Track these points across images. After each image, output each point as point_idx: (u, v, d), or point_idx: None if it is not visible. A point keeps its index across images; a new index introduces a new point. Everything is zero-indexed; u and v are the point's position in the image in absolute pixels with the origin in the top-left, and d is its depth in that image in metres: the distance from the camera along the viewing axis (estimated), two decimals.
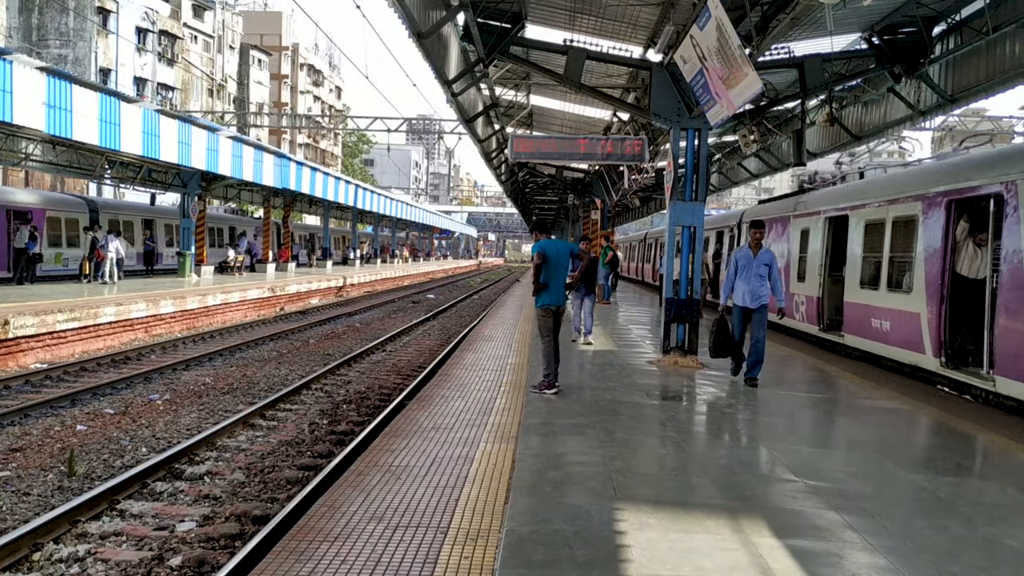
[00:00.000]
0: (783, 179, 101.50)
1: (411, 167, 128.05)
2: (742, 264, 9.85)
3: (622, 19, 12.72)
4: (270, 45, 74.76)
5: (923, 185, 11.25)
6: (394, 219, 56.11)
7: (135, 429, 10.00)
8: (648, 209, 42.72)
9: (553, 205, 46.29)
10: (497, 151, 26.27)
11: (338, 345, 18.66)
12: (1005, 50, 12.28)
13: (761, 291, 9.74)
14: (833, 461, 6.66)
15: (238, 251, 35.12)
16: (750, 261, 9.79)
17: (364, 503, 5.52)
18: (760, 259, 9.75)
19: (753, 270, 9.72)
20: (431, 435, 7.40)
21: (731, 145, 23.49)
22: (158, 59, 53.26)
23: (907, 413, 8.84)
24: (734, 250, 9.52)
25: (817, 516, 5.13)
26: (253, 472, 8.30)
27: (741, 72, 9.08)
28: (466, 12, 11.90)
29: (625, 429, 7.52)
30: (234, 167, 25.10)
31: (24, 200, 26.68)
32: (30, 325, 14.45)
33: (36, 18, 47.68)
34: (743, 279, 9.81)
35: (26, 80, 15.28)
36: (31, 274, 23.04)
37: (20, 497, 7.37)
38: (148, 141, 20.02)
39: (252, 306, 25.02)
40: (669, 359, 11.78)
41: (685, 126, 12.10)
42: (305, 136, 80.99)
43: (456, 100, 15.89)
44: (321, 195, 34.50)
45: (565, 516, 4.98)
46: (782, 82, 15.36)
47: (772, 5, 10.38)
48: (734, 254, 10.02)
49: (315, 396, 12.46)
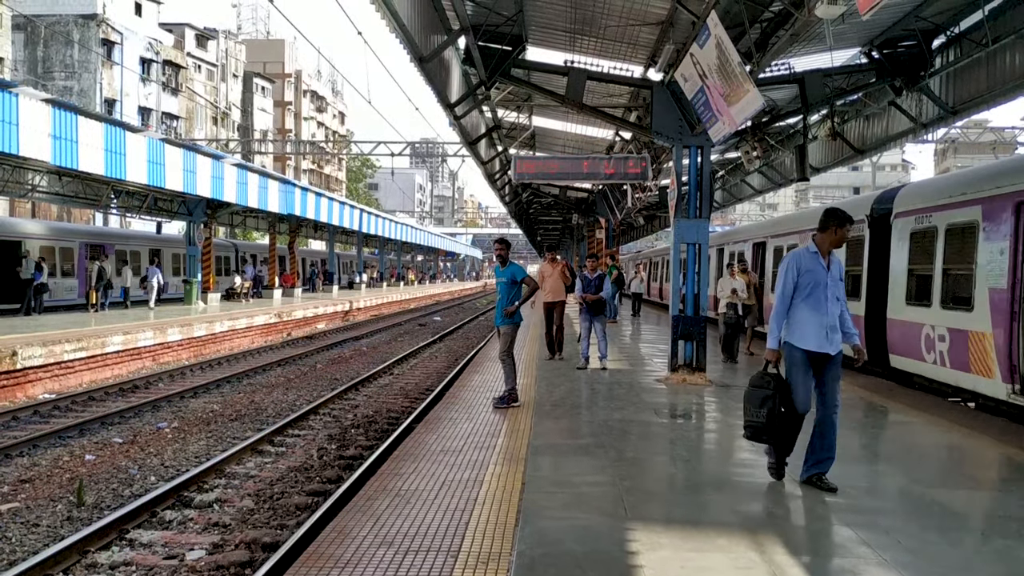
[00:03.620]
0: (787, 194, 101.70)
1: (415, 190, 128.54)
2: (809, 279, 6.00)
3: (622, 39, 12.79)
4: (273, 72, 75.34)
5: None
6: (399, 242, 56.25)
7: (144, 458, 9.98)
8: (652, 227, 42.76)
9: (557, 225, 46.38)
10: (500, 172, 26.37)
11: (345, 369, 18.64)
12: (1005, 61, 12.30)
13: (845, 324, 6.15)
14: (848, 476, 6.60)
15: (244, 278, 35.21)
16: (822, 273, 6.01)
17: (374, 528, 5.48)
18: (836, 270, 6.11)
19: (830, 289, 6.02)
20: (440, 458, 7.37)
21: (734, 161, 23.53)
22: (162, 89, 53.71)
23: (914, 420, 8.77)
24: (788, 256, 6.22)
25: (833, 532, 5.08)
26: (262, 499, 8.27)
27: (742, 89, 9.11)
28: (467, 36, 12.00)
29: (634, 448, 7.48)
30: (239, 194, 25.22)
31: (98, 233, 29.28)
32: (38, 356, 14.48)
33: (41, 51, 48.20)
34: (812, 304, 5.99)
35: (32, 112, 15.41)
36: (39, 304, 23.09)
37: (29, 528, 7.35)
38: (153, 170, 20.15)
39: (259, 332, 25.04)
40: (677, 376, 11.73)
41: (687, 143, 12.13)
42: (309, 162, 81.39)
43: (459, 123, 15.97)
44: (326, 220, 34.65)
45: (576, 537, 4.94)
46: (783, 98, 15.40)
47: (771, 22, 10.43)
48: (790, 261, 6.13)
49: (323, 421, 12.44)
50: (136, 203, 28.12)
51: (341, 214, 36.53)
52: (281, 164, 73.64)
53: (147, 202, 27.89)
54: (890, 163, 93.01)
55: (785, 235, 17.19)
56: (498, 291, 9.97)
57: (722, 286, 14.28)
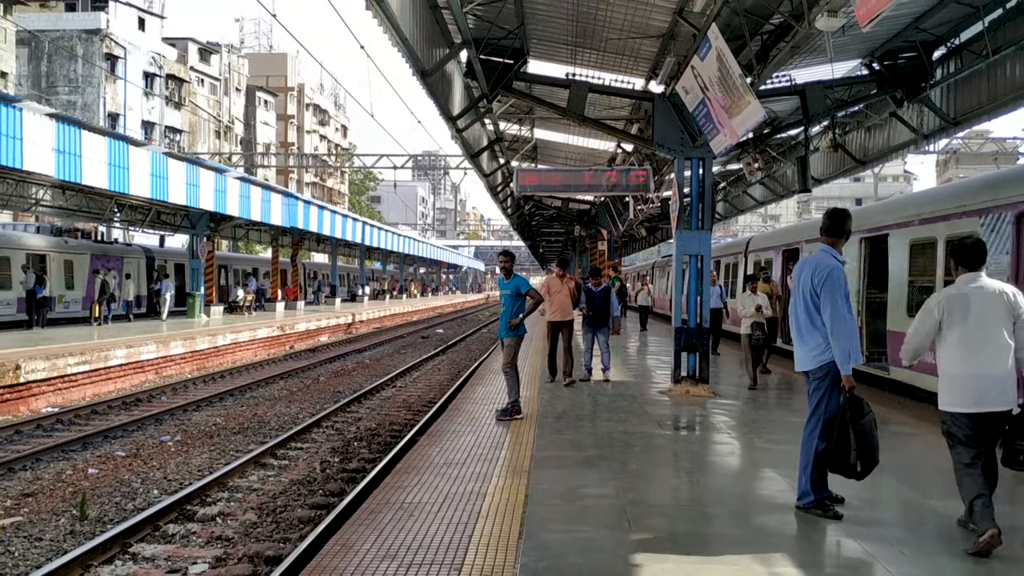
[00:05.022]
0: (789, 206, 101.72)
1: (417, 203, 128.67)
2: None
3: (623, 52, 12.85)
4: (276, 86, 75.62)
5: None
6: (402, 255, 56.31)
7: (146, 471, 9.97)
8: (655, 239, 42.79)
9: (560, 237, 46.45)
10: (503, 185, 26.42)
11: (348, 382, 18.64)
12: (1005, 72, 12.34)
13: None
14: (852, 488, 6.57)
15: (247, 291, 35.27)
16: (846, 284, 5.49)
17: (377, 541, 5.47)
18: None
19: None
20: (443, 471, 7.36)
21: (736, 173, 23.59)
22: (165, 103, 53.93)
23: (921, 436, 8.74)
24: (834, 269, 5.51)
25: (838, 545, 5.06)
26: (265, 512, 8.26)
27: (743, 101, 9.14)
28: (469, 50, 12.05)
29: (638, 460, 7.46)
30: (242, 207, 25.29)
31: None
32: (41, 369, 14.49)
33: (45, 66, 48.45)
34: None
35: (36, 127, 15.49)
36: (41, 318, 23.13)
37: (32, 542, 7.34)
38: (156, 184, 20.22)
39: (262, 345, 25.05)
40: (681, 388, 11.71)
41: (689, 155, 12.16)
42: (312, 175, 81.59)
43: (461, 136, 16.02)
44: (329, 233, 34.71)
45: (580, 550, 4.92)
46: (785, 109, 15.44)
47: (772, 34, 10.48)
48: (840, 276, 5.51)
49: (326, 434, 12.43)
50: (139, 216, 28.22)
51: (344, 227, 36.60)
52: (284, 177, 73.81)
53: (150, 215, 27.98)
54: (892, 174, 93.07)
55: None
56: (502, 303, 9.99)
57: (743, 303, 12.49)
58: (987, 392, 4.92)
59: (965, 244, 5.24)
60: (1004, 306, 4.98)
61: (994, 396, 4.92)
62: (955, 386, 5.02)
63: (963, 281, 5.14)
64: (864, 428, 5.26)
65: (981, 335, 4.96)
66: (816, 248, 5.79)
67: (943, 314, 5.07)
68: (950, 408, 5.07)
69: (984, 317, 4.96)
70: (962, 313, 5.00)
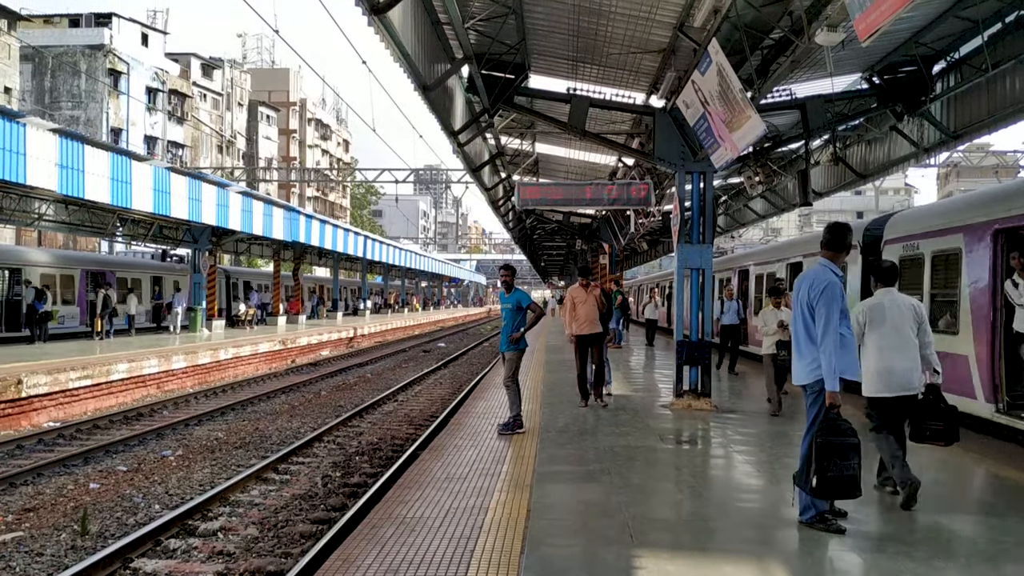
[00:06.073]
0: (790, 219, 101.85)
1: (419, 217, 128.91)
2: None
3: (624, 67, 12.90)
4: (278, 101, 75.95)
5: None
6: (403, 269, 56.35)
7: (148, 486, 9.95)
8: (656, 252, 42.80)
9: (561, 250, 46.53)
10: (504, 199, 26.47)
11: (350, 396, 18.62)
12: (1005, 86, 12.38)
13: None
14: (855, 501, 6.55)
15: (249, 304, 35.29)
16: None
17: (379, 556, 5.46)
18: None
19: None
20: (445, 485, 7.34)
21: (737, 187, 23.63)
22: (168, 118, 54.18)
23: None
24: (832, 283, 5.55)
25: (841, 560, 5.04)
26: (267, 527, 8.24)
27: (744, 115, 9.17)
28: (470, 65, 12.11)
29: (640, 474, 7.45)
30: (244, 222, 25.35)
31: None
32: (43, 384, 14.49)
33: (49, 81, 48.74)
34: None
35: (39, 142, 15.55)
36: (43, 333, 23.15)
37: (33, 557, 7.32)
38: (159, 198, 20.28)
39: (264, 359, 25.04)
40: (683, 402, 11.70)
41: (690, 169, 12.19)
42: (314, 189, 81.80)
43: (462, 150, 16.07)
44: (331, 247, 34.75)
45: (582, 565, 4.91)
46: (785, 123, 15.49)
47: (772, 49, 10.52)
48: (838, 289, 5.55)
49: (328, 448, 12.40)
50: (142, 231, 28.29)
51: (345, 241, 36.65)
52: (286, 191, 74.01)
53: (152, 230, 28.05)
54: (893, 187, 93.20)
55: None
56: (503, 317, 9.99)
57: (765, 319, 11.40)
58: (898, 380, 6.17)
59: (882, 266, 6.56)
60: (911, 314, 6.26)
61: (903, 383, 6.17)
62: (874, 377, 6.25)
63: (880, 294, 6.40)
64: (825, 444, 5.23)
65: (893, 337, 6.20)
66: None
67: (866, 320, 6.30)
68: (871, 394, 6.32)
69: (896, 322, 6.22)
70: (879, 319, 6.25)
